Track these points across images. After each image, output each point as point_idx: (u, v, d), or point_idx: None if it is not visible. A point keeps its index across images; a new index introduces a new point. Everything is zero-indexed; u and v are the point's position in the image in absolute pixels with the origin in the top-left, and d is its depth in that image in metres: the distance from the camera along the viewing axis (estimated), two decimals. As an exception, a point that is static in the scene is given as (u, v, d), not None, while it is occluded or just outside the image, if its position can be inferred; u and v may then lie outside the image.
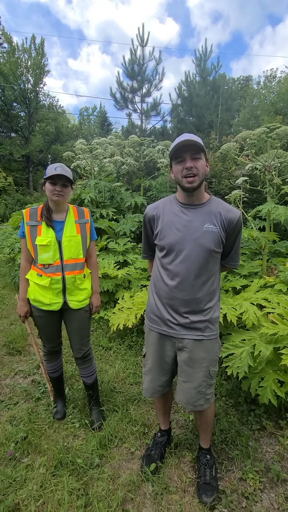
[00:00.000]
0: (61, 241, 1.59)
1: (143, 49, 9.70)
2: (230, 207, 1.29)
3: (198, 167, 1.19)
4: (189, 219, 1.26)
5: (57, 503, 1.35)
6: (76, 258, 1.64)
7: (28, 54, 21.80)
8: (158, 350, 1.38)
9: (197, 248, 1.23)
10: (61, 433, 1.76)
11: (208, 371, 1.33)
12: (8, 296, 4.23)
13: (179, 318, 1.29)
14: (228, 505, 1.36)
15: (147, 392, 1.47)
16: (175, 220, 1.28)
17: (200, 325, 1.29)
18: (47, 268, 1.58)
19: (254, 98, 20.34)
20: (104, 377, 2.28)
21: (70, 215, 1.66)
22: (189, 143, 1.17)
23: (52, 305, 1.62)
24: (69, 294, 1.64)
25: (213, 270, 1.29)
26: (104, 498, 1.37)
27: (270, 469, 1.52)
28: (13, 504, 1.33)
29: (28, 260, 1.66)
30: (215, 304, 1.33)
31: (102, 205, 4.63)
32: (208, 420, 1.47)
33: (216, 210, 1.26)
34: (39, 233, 1.57)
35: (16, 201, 15.99)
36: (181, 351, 1.33)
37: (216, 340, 1.35)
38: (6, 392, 2.16)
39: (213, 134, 7.44)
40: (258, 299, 2.12)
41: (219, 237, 1.24)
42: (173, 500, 1.39)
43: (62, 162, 2.74)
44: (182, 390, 1.37)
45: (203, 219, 1.25)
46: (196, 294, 1.26)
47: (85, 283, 1.71)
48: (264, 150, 2.91)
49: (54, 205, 1.60)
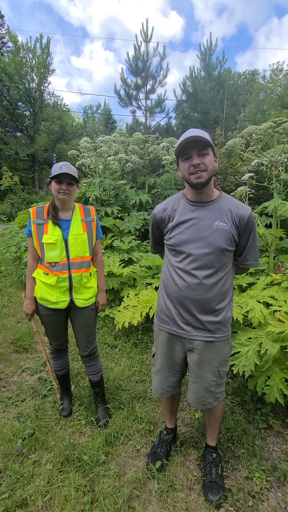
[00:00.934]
0: (68, 239, 1.60)
1: (147, 45, 9.61)
2: (240, 203, 1.25)
3: (206, 163, 1.15)
4: (198, 217, 1.22)
5: (63, 499, 1.36)
6: (82, 256, 1.64)
7: (32, 53, 21.85)
8: (168, 351, 1.37)
9: (208, 247, 1.20)
10: (67, 430, 1.77)
11: (217, 371, 1.31)
12: (15, 294, 4.28)
13: (190, 318, 1.27)
14: (235, 504, 1.35)
15: (156, 392, 1.47)
16: (184, 219, 1.25)
17: (211, 326, 1.26)
18: (53, 266, 1.58)
19: (261, 92, 20.00)
20: (110, 374, 2.29)
21: (76, 213, 1.66)
22: (195, 139, 1.13)
23: (59, 303, 1.63)
24: (76, 292, 1.65)
25: (225, 269, 1.25)
26: (110, 495, 1.38)
27: (277, 468, 1.51)
28: (21, 499, 1.35)
29: (34, 258, 1.67)
30: (227, 304, 1.28)
31: (107, 203, 4.63)
32: (217, 416, 1.46)
33: (226, 207, 1.23)
34: (46, 232, 1.58)
35: (22, 200, 16.13)
36: (191, 352, 1.32)
37: (227, 341, 1.32)
38: (13, 389, 2.19)
39: (219, 130, 7.34)
40: (265, 297, 2.09)
41: (231, 235, 1.20)
42: (179, 498, 1.39)
43: (67, 160, 2.75)
44: (192, 390, 1.36)
45: (213, 217, 1.21)
46: (207, 294, 1.22)
47: (91, 282, 1.72)
48: (270, 145, 2.86)
49: (60, 204, 1.61)
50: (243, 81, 20.51)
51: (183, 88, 10.35)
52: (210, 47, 9.89)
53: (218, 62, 9.93)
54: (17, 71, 20.69)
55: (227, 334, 1.31)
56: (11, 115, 21.85)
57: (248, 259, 1.29)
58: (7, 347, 2.80)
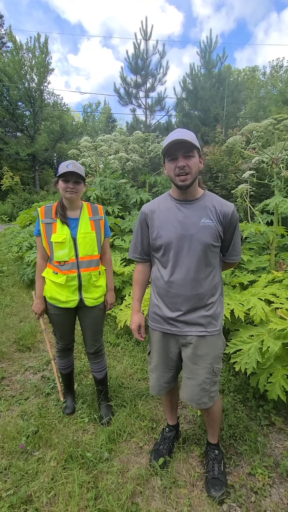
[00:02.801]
0: (76, 238, 1.61)
1: (147, 43, 9.58)
2: (223, 201, 1.30)
3: (190, 165, 1.19)
4: (185, 215, 1.26)
5: (68, 495, 1.38)
6: (91, 254, 1.65)
7: (32, 53, 21.82)
8: (163, 348, 1.38)
9: (196, 244, 1.23)
10: (70, 428, 1.79)
11: (212, 367, 1.32)
12: (17, 294, 4.30)
13: (181, 315, 1.29)
14: (237, 500, 1.36)
15: (154, 389, 1.48)
16: (171, 217, 1.28)
17: (203, 321, 1.28)
18: (62, 265, 1.59)
19: (261, 89, 19.86)
20: (112, 373, 2.30)
21: (84, 212, 1.67)
22: (181, 141, 1.15)
23: (68, 303, 1.64)
24: (85, 292, 1.66)
25: (213, 264, 1.29)
26: (114, 491, 1.40)
27: (279, 464, 1.52)
28: (26, 496, 1.37)
29: (44, 258, 1.68)
30: (217, 299, 1.32)
31: (107, 202, 4.64)
32: (215, 417, 1.47)
33: (210, 204, 1.27)
34: (54, 231, 1.59)
35: (23, 200, 16.17)
36: (185, 347, 1.34)
37: (219, 335, 1.35)
38: (17, 388, 2.21)
39: (219, 127, 7.31)
40: (266, 294, 2.09)
41: (216, 231, 1.25)
42: (182, 494, 1.40)
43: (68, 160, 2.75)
44: (186, 387, 1.37)
45: (199, 214, 1.25)
46: (198, 289, 1.26)
47: (100, 280, 1.73)
48: (271, 142, 2.85)
49: (68, 203, 1.62)
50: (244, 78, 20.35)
51: (183, 86, 10.31)
52: (210, 44, 9.83)
53: (218, 59, 9.87)
54: (17, 71, 20.67)
55: (219, 328, 1.33)
56: (11, 115, 21.86)
57: (234, 254, 1.36)
58: (10, 346, 2.82)
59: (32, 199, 16.28)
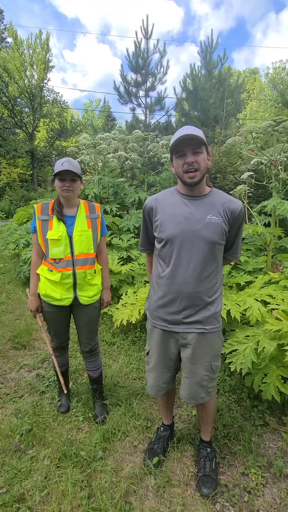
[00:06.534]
0: (72, 236, 1.59)
1: (147, 42, 9.55)
2: (231, 198, 1.28)
3: (199, 161, 1.17)
4: (191, 210, 1.23)
5: (61, 494, 1.37)
6: (86, 253, 1.64)
7: (32, 49, 21.65)
8: (162, 347, 1.37)
9: (200, 241, 1.21)
10: (65, 426, 1.78)
11: (210, 365, 1.32)
12: (13, 291, 4.27)
13: (182, 312, 1.28)
14: (230, 499, 1.36)
15: (152, 390, 1.47)
16: (177, 211, 1.25)
17: (203, 319, 1.28)
18: (58, 262, 1.58)
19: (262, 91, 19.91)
20: (108, 371, 2.30)
21: (81, 210, 1.66)
22: (190, 137, 1.14)
23: (63, 300, 1.62)
24: (80, 290, 1.65)
25: (216, 263, 1.27)
26: (107, 490, 1.39)
27: (273, 464, 1.53)
28: (19, 494, 1.36)
29: (39, 255, 1.67)
30: (218, 297, 1.31)
31: (106, 201, 4.63)
32: (210, 412, 1.47)
33: (218, 201, 1.25)
34: (50, 228, 1.58)
35: (20, 197, 16.08)
36: (184, 348, 1.33)
37: (218, 334, 1.35)
38: (11, 386, 2.19)
39: (218, 128, 7.32)
40: (263, 295, 2.10)
41: (223, 229, 1.22)
42: (175, 493, 1.40)
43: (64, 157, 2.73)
44: (185, 386, 1.37)
45: (206, 210, 1.22)
46: (199, 287, 1.24)
47: (95, 279, 1.72)
48: (270, 144, 2.86)
49: (64, 201, 1.61)
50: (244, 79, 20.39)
51: (183, 86, 10.31)
52: (211, 45, 9.83)
53: (219, 60, 9.88)
54: (17, 67, 20.52)
55: (218, 325, 1.33)
56: (10, 112, 21.68)
57: (235, 252, 1.36)
58: (5, 343, 2.80)
59: (30, 196, 16.19)
